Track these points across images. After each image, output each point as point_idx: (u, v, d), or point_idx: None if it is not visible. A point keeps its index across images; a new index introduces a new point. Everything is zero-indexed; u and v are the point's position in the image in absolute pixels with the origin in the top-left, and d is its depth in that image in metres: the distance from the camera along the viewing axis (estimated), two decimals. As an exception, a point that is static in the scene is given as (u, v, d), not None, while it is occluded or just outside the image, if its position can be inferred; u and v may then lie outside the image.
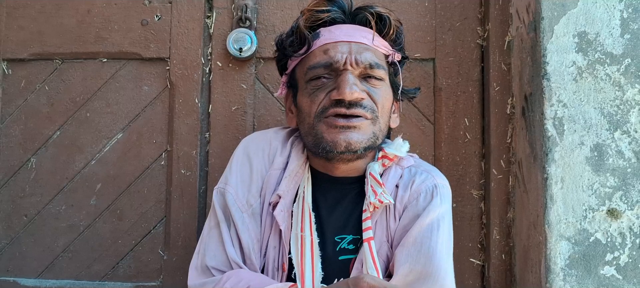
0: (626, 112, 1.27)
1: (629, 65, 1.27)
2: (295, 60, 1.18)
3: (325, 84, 1.11)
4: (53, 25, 1.62)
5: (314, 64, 1.12)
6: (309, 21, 1.14)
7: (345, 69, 1.09)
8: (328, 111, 1.09)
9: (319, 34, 1.14)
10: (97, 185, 1.60)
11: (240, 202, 1.15)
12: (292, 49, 1.16)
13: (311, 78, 1.13)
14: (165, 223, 1.58)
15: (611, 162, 1.26)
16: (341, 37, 1.12)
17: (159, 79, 1.60)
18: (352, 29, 1.14)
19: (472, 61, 1.55)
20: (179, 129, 1.57)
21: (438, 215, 1.10)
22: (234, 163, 1.20)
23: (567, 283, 1.24)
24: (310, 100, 1.12)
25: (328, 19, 1.14)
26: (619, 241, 1.25)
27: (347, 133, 1.08)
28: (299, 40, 1.15)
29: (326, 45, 1.12)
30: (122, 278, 1.58)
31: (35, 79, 1.63)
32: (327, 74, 1.11)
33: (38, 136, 1.62)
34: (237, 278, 1.06)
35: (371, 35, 1.14)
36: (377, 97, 1.12)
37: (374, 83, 1.12)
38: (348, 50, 1.10)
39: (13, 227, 1.62)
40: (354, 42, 1.12)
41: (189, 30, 1.58)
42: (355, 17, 1.16)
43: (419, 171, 1.18)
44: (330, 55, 1.10)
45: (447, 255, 1.09)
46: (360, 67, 1.10)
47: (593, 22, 1.29)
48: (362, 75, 1.11)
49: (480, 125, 1.54)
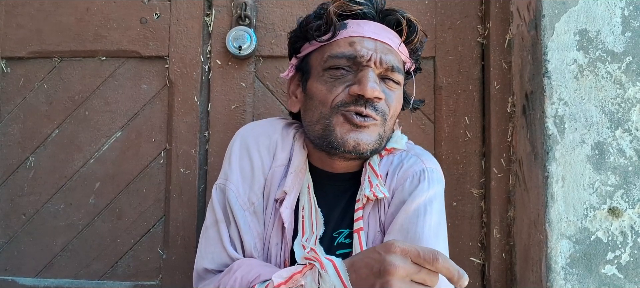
0: (627, 110, 1.26)
1: (630, 63, 1.26)
2: (314, 45, 1.14)
3: (344, 76, 1.08)
4: (52, 23, 1.61)
5: (337, 54, 1.09)
6: (340, 8, 1.11)
7: (368, 65, 1.07)
8: (349, 106, 1.06)
9: (346, 24, 1.11)
10: (96, 184, 1.59)
11: (242, 200, 1.12)
12: (318, 33, 1.12)
13: (331, 66, 1.09)
14: (164, 222, 1.57)
15: (612, 160, 1.25)
16: (369, 33, 1.10)
17: (158, 77, 1.59)
18: (380, 28, 1.12)
19: (472, 59, 1.54)
20: (178, 128, 1.56)
21: (425, 200, 1.07)
22: (233, 159, 1.16)
23: (568, 282, 1.24)
24: (327, 89, 1.08)
25: (359, 11, 1.12)
26: (620, 240, 1.24)
27: (358, 133, 1.06)
28: (326, 25, 1.11)
29: (353, 38, 1.09)
30: (121, 278, 1.58)
31: (33, 77, 1.62)
32: (348, 67, 1.08)
33: (37, 135, 1.61)
34: (248, 267, 1.04)
35: (398, 39, 1.12)
36: (391, 100, 1.10)
37: (391, 86, 1.11)
38: (374, 48, 1.08)
39: (11, 226, 1.61)
40: (380, 41, 1.10)
41: (188, 29, 1.57)
42: (384, 18, 1.14)
43: (408, 155, 1.16)
44: (355, 48, 1.08)
45: (436, 239, 1.06)
46: (382, 67, 1.08)
47: (594, 19, 1.28)
48: (382, 75, 1.09)
49: (480, 123, 1.53)
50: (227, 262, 1.10)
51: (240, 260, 1.07)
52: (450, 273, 0.85)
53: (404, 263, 0.85)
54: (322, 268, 0.92)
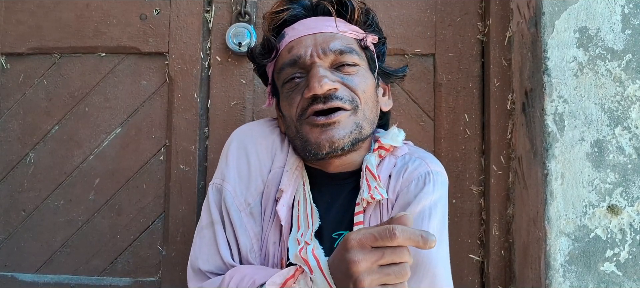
0: (627, 108, 1.26)
1: (630, 61, 1.26)
2: (270, 66, 1.16)
3: (298, 84, 1.08)
4: (51, 19, 1.61)
5: (282, 65, 1.09)
6: (271, 24, 1.12)
7: (312, 62, 1.06)
8: (307, 111, 1.05)
9: (284, 34, 1.11)
10: (95, 180, 1.59)
11: (239, 201, 1.11)
12: (262, 56, 1.14)
13: (285, 81, 1.10)
14: (164, 218, 1.57)
15: (611, 158, 1.25)
16: (304, 31, 1.09)
17: (158, 73, 1.59)
18: (314, 21, 1.11)
19: (472, 57, 1.54)
20: (177, 124, 1.56)
21: (430, 203, 1.06)
22: (231, 159, 1.15)
23: (566, 280, 1.24)
24: (289, 103, 1.09)
25: (289, 17, 1.11)
26: (619, 237, 1.24)
27: (328, 131, 1.04)
28: (266, 45, 1.12)
29: (290, 44, 1.09)
30: (120, 274, 1.58)
31: (33, 74, 1.62)
32: (299, 73, 1.08)
33: (36, 131, 1.61)
34: (241, 275, 1.02)
35: (334, 21, 1.10)
36: (353, 84, 1.07)
37: (347, 70, 1.08)
38: (313, 43, 1.07)
39: (11, 222, 1.62)
40: (318, 33, 1.08)
41: (188, 25, 1.57)
42: (316, 9, 1.13)
43: (412, 158, 1.14)
44: (294, 52, 1.07)
45: (440, 243, 1.03)
46: (329, 56, 1.06)
47: (594, 17, 1.28)
48: (334, 64, 1.08)
49: (480, 121, 1.53)
50: (221, 265, 1.09)
51: (233, 269, 1.06)
52: (415, 241, 0.81)
53: (364, 255, 0.82)
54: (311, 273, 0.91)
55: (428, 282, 1.01)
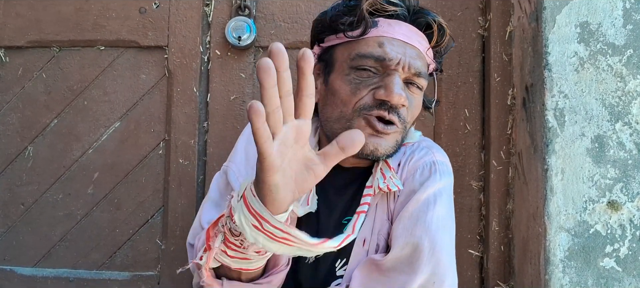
0: (627, 103, 1.26)
1: (631, 56, 1.26)
2: (341, 38, 1.10)
3: (370, 78, 1.05)
4: (51, 12, 1.61)
5: (366, 53, 1.05)
6: (372, 7, 1.07)
7: (395, 69, 1.04)
8: (372, 111, 1.03)
9: (377, 23, 1.07)
10: (94, 174, 1.59)
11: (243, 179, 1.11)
12: (346, 28, 1.07)
13: (357, 66, 1.05)
14: (163, 212, 1.57)
15: (612, 153, 1.25)
16: (399, 35, 1.06)
17: (157, 67, 1.59)
18: (410, 30, 1.08)
19: (472, 51, 1.53)
20: (177, 118, 1.56)
21: (435, 191, 1.06)
22: (240, 143, 1.18)
23: (566, 275, 1.24)
24: (351, 90, 1.05)
25: (392, 12, 1.07)
26: (619, 233, 1.24)
27: (378, 139, 1.04)
28: (357, 21, 1.06)
29: (382, 38, 1.05)
30: (119, 268, 1.58)
31: (32, 67, 1.62)
32: (375, 69, 1.05)
33: (35, 124, 1.61)
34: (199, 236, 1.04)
35: (427, 43, 1.09)
36: (412, 106, 1.07)
37: (414, 91, 1.08)
38: (403, 52, 1.04)
39: (10, 216, 1.61)
40: (410, 44, 1.06)
41: (188, 19, 1.57)
42: (415, 19, 1.10)
43: (420, 147, 1.14)
44: (385, 50, 1.04)
45: (443, 230, 1.05)
46: (408, 72, 1.05)
47: (595, 12, 1.27)
48: (407, 80, 1.06)
49: (480, 116, 1.53)
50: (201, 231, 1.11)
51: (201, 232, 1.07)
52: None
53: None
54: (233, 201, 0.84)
55: (431, 268, 1.01)
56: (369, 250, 1.10)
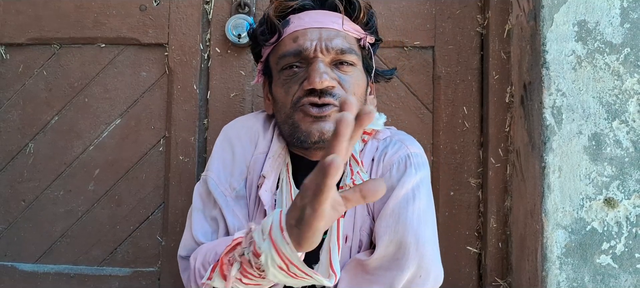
0: (625, 101, 1.26)
1: (629, 55, 1.27)
2: (267, 48, 1.17)
3: (297, 74, 1.10)
4: (51, 9, 1.61)
5: (284, 53, 1.10)
6: (278, 9, 1.13)
7: (315, 56, 1.08)
8: (302, 100, 1.08)
9: (289, 21, 1.12)
10: (95, 171, 1.60)
11: (223, 186, 1.15)
12: (264, 38, 1.15)
13: (283, 67, 1.11)
14: (163, 209, 1.58)
15: (609, 151, 1.26)
16: (311, 23, 1.10)
17: (158, 64, 1.60)
18: (321, 14, 1.12)
19: (471, 49, 1.54)
20: (177, 115, 1.56)
21: (413, 185, 1.08)
22: (215, 151, 1.20)
23: (563, 272, 1.25)
24: (285, 91, 1.11)
25: (297, 6, 1.13)
26: (616, 230, 1.25)
27: (320, 123, 1.07)
28: (269, 28, 1.14)
29: (296, 33, 1.11)
30: (120, 264, 1.59)
31: (33, 64, 1.62)
32: (299, 63, 1.10)
33: (36, 121, 1.62)
34: (202, 252, 1.05)
35: (340, 19, 1.12)
36: (347, 84, 1.10)
37: (345, 69, 1.11)
38: (318, 37, 1.09)
39: (11, 212, 1.62)
40: (324, 28, 1.10)
41: (188, 16, 1.57)
42: (324, 3, 1.14)
43: (393, 141, 1.16)
44: (299, 43, 1.09)
45: (425, 224, 1.07)
46: (331, 53, 1.09)
47: (593, 10, 1.28)
48: (334, 61, 1.10)
49: (478, 113, 1.54)
50: (195, 247, 1.12)
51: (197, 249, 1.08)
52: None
53: None
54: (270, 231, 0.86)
55: (417, 263, 1.03)
56: (352, 247, 1.12)
